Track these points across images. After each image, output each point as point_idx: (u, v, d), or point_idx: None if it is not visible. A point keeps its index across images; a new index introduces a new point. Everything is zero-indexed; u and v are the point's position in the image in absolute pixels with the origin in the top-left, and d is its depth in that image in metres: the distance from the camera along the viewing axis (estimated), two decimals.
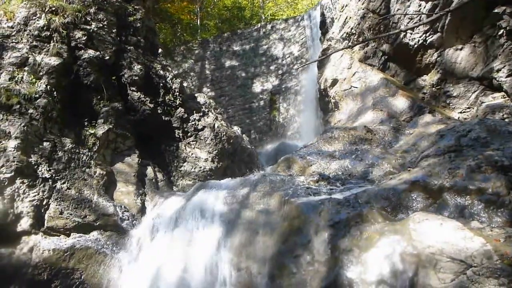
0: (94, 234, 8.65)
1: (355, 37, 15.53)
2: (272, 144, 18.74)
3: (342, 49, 11.71)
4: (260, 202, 8.67)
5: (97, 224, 8.78)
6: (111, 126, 10.83)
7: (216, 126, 12.65)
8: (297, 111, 22.13)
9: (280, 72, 24.80)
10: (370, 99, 13.38)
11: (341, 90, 14.93)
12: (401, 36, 13.14)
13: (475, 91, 11.48)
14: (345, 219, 7.34)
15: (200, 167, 11.72)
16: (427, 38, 12.48)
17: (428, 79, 12.83)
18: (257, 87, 24.93)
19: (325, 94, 16.26)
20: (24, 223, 8.27)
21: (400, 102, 12.49)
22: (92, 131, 10.59)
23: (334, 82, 15.56)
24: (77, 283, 7.94)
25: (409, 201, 7.51)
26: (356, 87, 14.37)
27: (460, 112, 11.86)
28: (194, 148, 12.12)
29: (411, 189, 7.60)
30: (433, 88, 12.56)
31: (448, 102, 12.11)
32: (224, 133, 12.66)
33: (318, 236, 7.24)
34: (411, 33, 12.86)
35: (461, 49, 11.71)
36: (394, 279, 6.28)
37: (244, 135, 14.84)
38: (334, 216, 7.44)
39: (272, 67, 25.17)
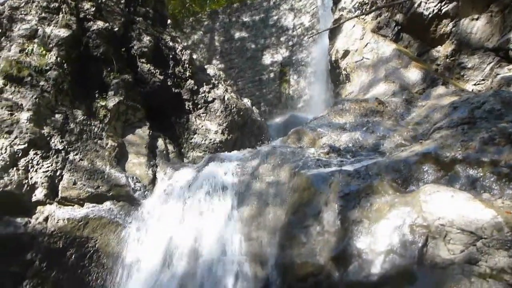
0: (107, 204, 8.79)
1: (368, 7, 15.18)
2: (282, 116, 18.65)
3: (355, 17, 11.45)
4: (270, 173, 8.72)
5: (110, 194, 8.92)
6: (121, 98, 10.86)
7: (226, 98, 12.61)
8: (307, 83, 21.90)
9: (290, 43, 24.44)
10: (382, 70, 13.16)
11: (353, 62, 14.70)
12: (415, 5, 12.82)
13: (490, 63, 11.23)
14: (355, 190, 7.35)
15: (210, 139, 11.76)
16: (442, 8, 12.16)
17: (442, 50, 12.56)
18: (267, 59, 24.65)
19: (336, 65, 16.03)
20: (39, 193, 8.42)
21: (413, 74, 12.28)
22: (103, 103, 10.63)
23: (346, 53, 15.31)
24: (92, 251, 8.13)
25: (420, 173, 7.48)
26: (368, 59, 14.13)
27: (475, 84, 11.65)
28: (204, 120, 12.13)
29: (423, 161, 7.56)
30: (447, 60, 12.32)
31: (462, 74, 11.89)
32: (234, 105, 12.63)
33: (328, 207, 7.27)
34: (426, 2, 12.52)
35: (477, 19, 11.40)
36: (404, 250, 6.33)
37: (254, 107, 14.80)
38: (344, 188, 7.45)
39: (282, 39, 24.80)
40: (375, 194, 7.20)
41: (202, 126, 11.96)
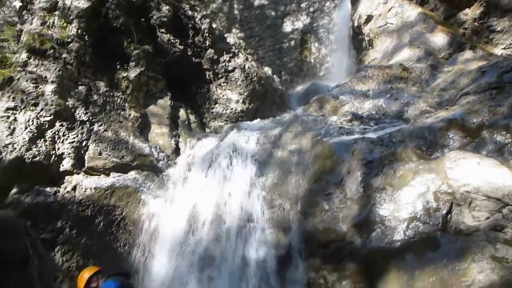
0: (132, 173, 8.98)
1: None
2: (303, 85, 18.43)
3: None
4: (292, 142, 8.71)
5: (134, 164, 9.09)
6: (142, 69, 10.90)
7: (246, 67, 12.51)
8: (329, 51, 21.48)
9: (311, 9, 23.84)
10: (406, 35, 12.78)
11: (376, 27, 14.29)
12: None
13: None
14: (378, 158, 7.30)
15: (232, 109, 11.76)
16: None
17: (470, 13, 12.06)
18: (287, 26, 24.16)
19: (359, 31, 15.63)
20: (66, 164, 8.65)
21: (439, 38, 11.89)
22: (125, 74, 10.69)
23: (369, 18, 14.87)
24: (119, 219, 8.37)
25: (445, 139, 7.35)
26: (392, 23, 13.70)
27: (504, 48, 11.21)
28: (225, 89, 12.10)
29: (448, 127, 7.42)
30: (475, 23, 11.84)
31: (491, 37, 11.44)
32: (255, 74, 12.53)
33: (351, 175, 7.26)
34: None
35: None
36: (427, 217, 6.30)
37: (274, 76, 14.65)
38: (367, 155, 7.40)
39: (303, 5, 24.18)
40: (399, 161, 7.14)
41: (223, 95, 11.95)
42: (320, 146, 8.08)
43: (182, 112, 11.11)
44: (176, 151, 9.88)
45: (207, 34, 12.38)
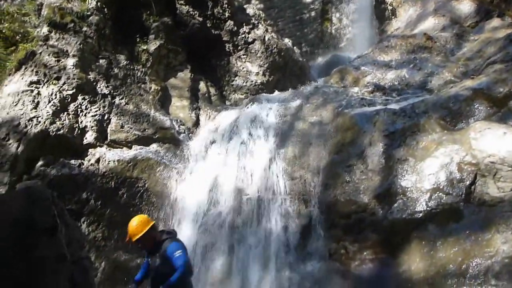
0: (154, 146, 9.07)
1: None
2: (323, 56, 18.11)
3: None
4: (313, 114, 8.64)
5: (156, 137, 9.18)
6: (162, 42, 10.86)
7: (266, 38, 12.33)
8: (350, 21, 20.94)
9: None
10: (431, 4, 12.38)
11: None
12: None
13: None
14: (400, 129, 7.21)
15: (252, 81, 11.67)
16: None
17: None
18: None
19: (381, 0, 15.20)
20: (89, 137, 8.78)
21: (465, 6, 11.48)
22: (144, 47, 10.69)
23: None
24: (141, 191, 8.51)
25: (470, 110, 7.19)
26: None
27: None
28: (245, 62, 11.99)
29: (474, 97, 7.25)
30: None
31: None
32: (275, 46, 12.35)
33: (372, 146, 7.19)
34: None
35: None
36: (450, 188, 6.23)
37: (295, 47, 14.42)
38: (389, 126, 7.31)
39: None
40: (422, 132, 7.03)
41: (242, 68, 11.86)
42: (341, 118, 8.00)
43: (202, 85, 11.09)
44: (197, 124, 9.91)
45: (226, 5, 12.20)
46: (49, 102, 8.76)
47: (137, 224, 4.69)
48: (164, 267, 4.59)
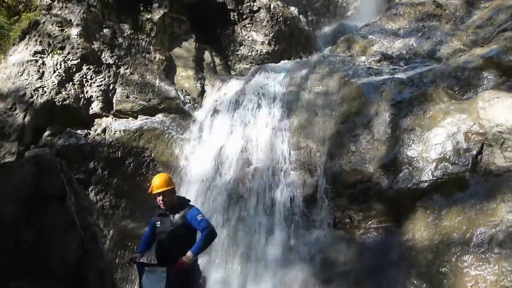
0: (159, 116, 9.07)
1: None
2: (330, 26, 17.74)
3: None
4: (319, 83, 8.57)
5: (161, 107, 9.17)
6: (166, 11, 10.72)
7: (272, 7, 12.10)
8: None
9: None
10: None
11: None
12: None
13: None
14: (408, 98, 7.14)
15: (257, 51, 11.53)
16: None
17: None
18: None
19: None
20: (95, 107, 8.79)
21: None
22: (148, 16, 10.55)
23: None
24: (148, 160, 8.58)
25: (479, 79, 7.09)
26: None
27: None
28: (250, 31, 11.81)
29: (483, 66, 7.13)
30: None
31: None
32: (281, 14, 12.13)
33: (379, 116, 7.15)
34: None
35: None
36: (457, 157, 6.22)
37: (301, 16, 14.16)
38: (396, 96, 7.25)
39: None
40: (429, 102, 6.96)
41: (248, 37, 11.69)
42: (348, 87, 7.93)
43: (207, 55, 10.98)
44: (202, 94, 9.86)
45: None
46: (54, 72, 8.75)
47: (165, 179, 4.69)
48: (181, 229, 4.55)
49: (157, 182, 4.65)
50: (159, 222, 4.71)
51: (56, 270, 3.74)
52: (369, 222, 6.58)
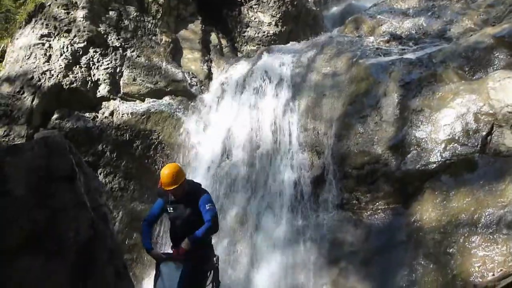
0: (166, 99, 9.06)
1: None
2: (338, 6, 17.51)
3: None
4: (327, 64, 8.49)
5: (168, 89, 9.15)
6: None
7: None
8: None
9: None
10: None
11: None
12: None
13: None
14: (417, 79, 7.07)
15: (264, 32, 11.40)
16: None
17: None
18: None
19: None
20: (102, 89, 8.80)
21: None
22: None
23: None
24: (156, 143, 8.60)
25: (490, 59, 6.99)
26: None
27: None
28: (256, 12, 11.67)
29: (494, 45, 7.03)
30: None
31: None
32: None
33: (387, 97, 7.09)
34: None
35: None
36: (466, 138, 6.18)
37: None
38: (405, 77, 7.18)
39: None
40: (439, 82, 6.89)
41: (254, 18, 11.55)
42: (356, 68, 7.85)
43: (213, 37, 10.89)
44: (209, 76, 9.81)
45: None
46: (61, 55, 8.75)
47: (173, 175, 4.56)
48: (194, 215, 4.58)
49: (166, 180, 4.57)
50: (171, 208, 4.75)
51: (68, 249, 3.79)
52: (377, 203, 6.59)
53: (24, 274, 3.60)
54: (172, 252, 4.75)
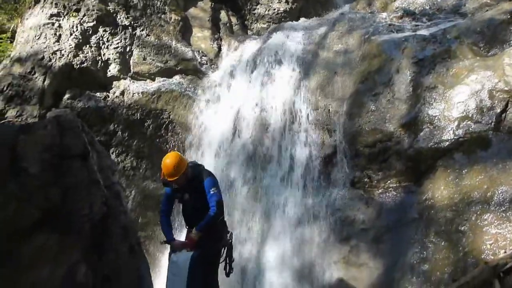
0: (177, 78, 9.03)
1: None
2: None
3: None
4: (338, 41, 8.37)
5: (178, 68, 9.11)
6: None
7: None
8: None
9: None
10: None
11: None
12: None
13: None
14: (430, 55, 6.94)
15: (274, 9, 11.23)
16: None
17: None
18: None
19: None
20: (113, 69, 8.81)
21: None
22: None
23: None
24: (166, 122, 8.62)
25: (505, 34, 6.82)
26: None
27: None
28: None
29: (510, 21, 6.85)
30: None
31: None
32: None
33: (400, 74, 6.99)
34: None
35: None
36: (480, 116, 6.09)
37: None
38: (419, 53, 7.05)
39: None
40: (453, 59, 6.76)
41: None
42: (368, 45, 7.73)
43: (223, 14, 10.76)
44: (219, 55, 9.72)
45: None
46: (71, 34, 8.74)
47: (174, 166, 4.54)
48: (200, 200, 4.63)
49: (167, 171, 4.57)
50: (178, 195, 4.81)
51: (82, 225, 3.87)
52: (388, 182, 6.56)
53: (40, 250, 3.69)
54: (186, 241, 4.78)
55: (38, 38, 8.70)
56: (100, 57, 8.84)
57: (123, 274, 4.17)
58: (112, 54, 8.90)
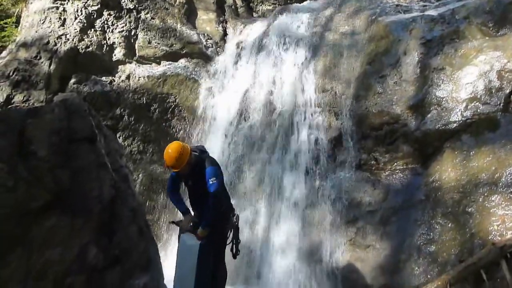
0: (182, 61, 8.99)
1: None
2: None
3: None
4: (345, 23, 8.28)
5: (184, 52, 9.05)
6: None
7: None
8: None
9: None
10: None
11: None
12: None
13: None
14: (438, 36, 6.85)
15: None
16: None
17: None
18: None
19: None
20: (118, 53, 8.79)
21: None
22: None
23: None
24: (173, 106, 8.61)
25: None
26: None
27: None
28: None
29: None
30: None
31: None
32: None
33: (407, 55, 6.91)
34: None
35: None
36: (488, 97, 6.03)
37: None
38: (427, 34, 6.96)
39: None
40: (461, 39, 6.67)
41: None
42: (375, 26, 7.64)
43: None
44: (224, 38, 9.64)
45: None
46: (76, 19, 8.72)
47: (176, 157, 4.51)
48: (204, 186, 4.62)
49: (170, 163, 4.56)
50: (182, 181, 4.87)
51: (92, 208, 3.91)
52: (395, 164, 6.55)
53: (51, 232, 3.74)
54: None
55: (43, 23, 8.69)
56: (105, 41, 8.82)
57: (133, 256, 4.23)
58: (117, 38, 8.87)
